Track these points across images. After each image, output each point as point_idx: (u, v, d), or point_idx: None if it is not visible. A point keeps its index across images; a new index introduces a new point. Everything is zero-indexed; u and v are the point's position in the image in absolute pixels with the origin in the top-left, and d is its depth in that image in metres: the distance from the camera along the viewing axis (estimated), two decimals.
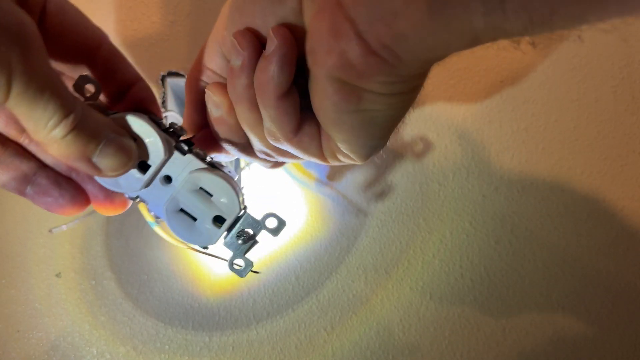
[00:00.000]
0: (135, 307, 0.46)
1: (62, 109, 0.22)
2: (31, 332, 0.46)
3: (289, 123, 0.26)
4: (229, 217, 0.27)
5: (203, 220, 0.27)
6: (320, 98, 0.24)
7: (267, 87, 0.24)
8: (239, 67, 0.25)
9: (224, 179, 0.27)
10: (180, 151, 0.27)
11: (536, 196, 0.49)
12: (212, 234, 0.27)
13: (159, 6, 0.51)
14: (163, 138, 0.26)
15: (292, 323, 0.47)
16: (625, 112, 0.51)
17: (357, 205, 0.48)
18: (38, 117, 0.21)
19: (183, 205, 0.27)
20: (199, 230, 0.27)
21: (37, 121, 0.22)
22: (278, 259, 0.47)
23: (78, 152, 0.23)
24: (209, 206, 0.27)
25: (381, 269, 0.48)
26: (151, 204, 0.28)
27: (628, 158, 0.50)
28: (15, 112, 0.21)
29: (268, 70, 0.24)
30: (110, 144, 0.24)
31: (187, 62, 0.50)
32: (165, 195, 0.27)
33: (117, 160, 0.25)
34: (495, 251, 0.48)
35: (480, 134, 0.50)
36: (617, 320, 0.48)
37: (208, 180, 0.27)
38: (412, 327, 0.47)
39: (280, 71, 0.24)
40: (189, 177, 0.27)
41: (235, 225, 0.27)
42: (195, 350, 0.46)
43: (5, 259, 0.47)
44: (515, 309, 0.48)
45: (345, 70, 0.22)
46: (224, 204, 0.27)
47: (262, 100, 0.25)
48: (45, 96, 0.21)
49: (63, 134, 0.22)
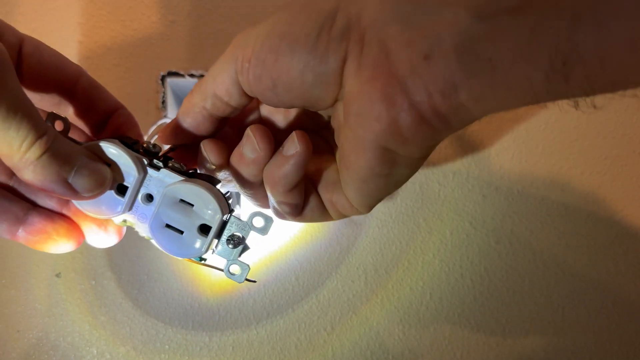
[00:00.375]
0: (135, 307, 0.46)
1: (35, 129, 0.22)
2: (31, 332, 0.46)
3: (295, 208, 0.27)
4: (214, 224, 0.27)
5: (189, 231, 0.27)
6: (356, 159, 0.24)
7: (279, 182, 0.25)
8: (252, 160, 0.26)
9: (200, 186, 0.26)
10: (154, 168, 0.27)
11: (536, 196, 0.49)
12: (199, 244, 0.27)
13: (159, 6, 0.51)
14: (134, 158, 0.26)
15: (292, 323, 0.47)
16: (625, 112, 0.51)
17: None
18: (11, 138, 0.21)
19: (167, 220, 0.27)
20: (186, 242, 0.27)
21: (11, 143, 0.22)
22: (278, 259, 0.47)
23: (53, 173, 0.23)
24: (191, 216, 0.27)
25: (381, 269, 0.48)
26: (138, 225, 0.28)
27: (628, 158, 0.50)
28: None
29: (283, 169, 0.25)
30: (84, 166, 0.24)
31: (187, 62, 0.50)
32: (149, 213, 0.27)
33: (93, 181, 0.25)
34: (495, 251, 0.48)
35: (480, 134, 0.50)
36: (617, 320, 0.48)
37: (184, 191, 0.27)
38: (412, 327, 0.47)
39: (296, 173, 0.25)
40: (166, 191, 0.27)
41: (223, 231, 0.27)
42: (195, 350, 0.46)
43: (5, 259, 0.47)
44: (515, 309, 0.48)
45: (393, 137, 0.22)
46: (205, 211, 0.27)
47: (270, 189, 0.26)
48: (18, 117, 0.21)
49: (37, 155, 0.22)
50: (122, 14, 0.51)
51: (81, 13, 0.51)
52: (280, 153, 0.25)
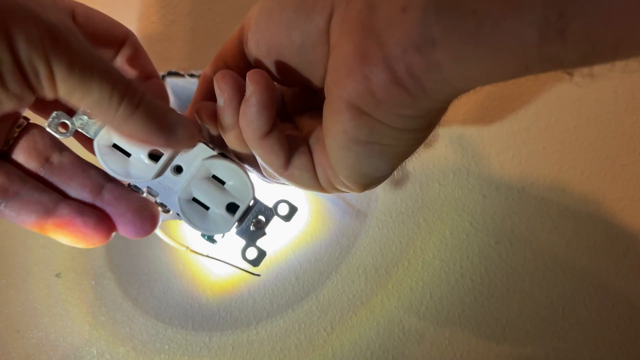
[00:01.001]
0: (135, 307, 0.46)
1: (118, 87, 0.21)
2: (31, 332, 0.46)
3: (277, 159, 0.25)
4: (243, 204, 0.27)
5: (216, 208, 0.27)
6: (332, 121, 0.23)
7: (248, 129, 0.24)
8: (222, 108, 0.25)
9: (237, 165, 0.27)
10: None
11: (536, 196, 0.49)
12: (225, 221, 0.27)
13: (159, 6, 0.51)
14: None
15: (292, 323, 0.47)
16: (626, 112, 0.51)
17: (357, 206, 0.48)
18: (96, 99, 0.21)
19: (195, 194, 0.27)
20: (212, 218, 0.27)
21: (99, 104, 0.21)
22: (278, 259, 0.47)
23: (152, 127, 0.23)
24: (222, 193, 0.27)
25: (381, 269, 0.48)
26: (162, 195, 0.27)
27: (628, 158, 0.50)
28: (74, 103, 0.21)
29: (247, 114, 0.24)
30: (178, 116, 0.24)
31: (187, 62, 0.50)
32: (177, 185, 0.27)
33: (190, 130, 0.24)
34: (495, 251, 0.48)
35: (480, 134, 0.50)
36: (617, 320, 0.48)
37: (221, 167, 0.27)
38: (412, 327, 0.47)
39: (258, 115, 0.24)
40: (202, 164, 0.27)
41: (248, 213, 0.27)
42: (195, 350, 0.46)
43: (5, 259, 0.47)
44: (515, 309, 0.48)
45: (364, 97, 0.20)
46: (237, 190, 0.27)
47: (246, 140, 0.25)
48: (95, 77, 0.20)
49: (130, 112, 0.22)
50: (121, 14, 0.51)
51: None
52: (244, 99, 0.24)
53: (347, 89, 0.21)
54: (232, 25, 0.50)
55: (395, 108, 0.21)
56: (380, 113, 0.21)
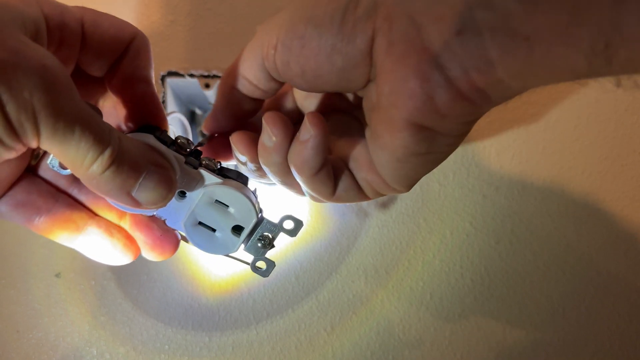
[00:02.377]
0: (135, 307, 0.46)
1: (97, 144, 0.21)
2: (31, 332, 0.46)
3: (325, 190, 0.26)
4: (247, 226, 0.28)
5: (222, 231, 0.28)
6: (391, 139, 0.23)
7: (302, 168, 0.25)
8: (272, 148, 0.26)
9: (238, 190, 0.27)
10: (191, 166, 0.27)
11: (536, 196, 0.49)
12: (231, 242, 0.28)
13: (159, 6, 0.51)
14: (172, 156, 0.26)
15: (292, 323, 0.47)
16: (625, 112, 0.51)
17: (357, 206, 0.48)
18: (72, 155, 0.21)
19: (201, 219, 0.28)
20: (218, 240, 0.28)
21: (73, 159, 0.21)
22: (278, 259, 0.47)
23: (117, 187, 0.23)
24: (226, 217, 0.28)
25: (381, 269, 0.48)
26: (169, 220, 0.28)
27: (628, 158, 0.50)
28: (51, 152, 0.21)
29: (303, 154, 0.24)
30: (150, 177, 0.24)
31: (187, 62, 0.50)
32: (181, 209, 0.28)
33: (158, 193, 0.24)
34: (495, 251, 0.48)
35: (480, 134, 0.50)
36: (617, 320, 0.48)
37: (223, 194, 0.27)
38: (412, 327, 0.47)
39: (315, 156, 0.24)
40: (204, 191, 0.27)
41: (255, 231, 0.28)
42: (195, 350, 0.46)
43: (5, 259, 0.47)
44: (515, 309, 0.48)
45: (429, 115, 0.21)
46: (240, 213, 0.27)
47: (297, 175, 0.26)
48: (77, 134, 0.21)
49: (101, 170, 0.22)
50: (122, 14, 0.51)
51: None
52: (297, 139, 0.25)
53: (409, 109, 0.21)
54: (232, 25, 0.50)
55: (459, 118, 0.22)
56: (444, 125, 0.22)
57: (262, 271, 0.29)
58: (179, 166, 0.27)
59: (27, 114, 0.19)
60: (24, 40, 0.20)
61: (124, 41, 0.28)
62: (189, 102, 0.56)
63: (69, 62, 0.27)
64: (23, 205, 0.26)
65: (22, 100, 0.19)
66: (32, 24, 0.22)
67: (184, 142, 0.27)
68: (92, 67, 0.28)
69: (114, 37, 0.27)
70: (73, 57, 0.27)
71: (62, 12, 0.25)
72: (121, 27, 0.28)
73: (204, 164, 0.28)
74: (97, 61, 0.27)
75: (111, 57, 0.28)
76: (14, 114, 0.19)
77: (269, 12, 0.51)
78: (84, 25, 0.26)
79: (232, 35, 0.49)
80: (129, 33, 0.28)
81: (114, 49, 0.27)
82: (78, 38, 0.26)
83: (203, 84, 0.49)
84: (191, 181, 0.27)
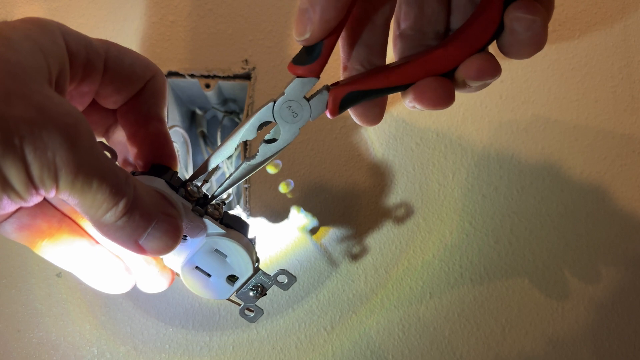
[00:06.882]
0: (136, 307, 0.46)
1: (112, 196, 0.22)
2: (32, 331, 0.46)
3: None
4: (242, 277, 0.29)
5: (217, 278, 0.29)
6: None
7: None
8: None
9: (239, 244, 0.28)
10: (197, 214, 0.28)
11: (536, 196, 0.49)
12: (225, 290, 0.29)
13: (159, 6, 0.51)
14: (180, 204, 0.27)
15: (292, 323, 0.47)
16: (625, 112, 0.51)
17: (357, 206, 0.48)
18: (88, 205, 0.22)
19: (199, 264, 0.29)
20: (213, 286, 0.29)
21: (88, 209, 0.22)
22: (278, 259, 0.47)
23: (126, 236, 0.24)
24: (223, 266, 0.29)
25: (381, 269, 0.48)
26: (167, 260, 0.29)
27: (628, 158, 0.50)
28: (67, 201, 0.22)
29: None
30: (159, 227, 0.25)
31: (187, 62, 0.50)
32: (180, 252, 0.28)
33: (164, 243, 0.25)
34: (495, 251, 0.48)
35: (480, 134, 0.50)
36: (617, 320, 0.48)
37: (225, 245, 0.28)
38: (412, 327, 0.47)
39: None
40: (207, 240, 0.28)
41: (248, 281, 0.29)
42: (195, 349, 0.46)
43: (5, 258, 0.47)
44: (515, 309, 0.48)
45: None
46: (238, 265, 0.29)
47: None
48: (94, 186, 0.21)
49: (114, 220, 0.23)
50: (122, 14, 0.51)
51: (82, 13, 0.51)
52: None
53: None
54: (232, 25, 0.50)
55: None
56: None
57: (250, 317, 0.30)
58: (185, 213, 0.27)
59: (50, 172, 0.20)
60: (49, 94, 0.21)
61: (143, 79, 0.29)
62: (189, 102, 0.57)
63: (88, 96, 0.28)
64: (28, 228, 0.27)
65: (46, 160, 0.20)
66: (57, 66, 0.23)
67: (193, 190, 0.28)
68: (108, 100, 0.28)
69: (135, 74, 0.28)
70: (92, 92, 0.27)
71: (87, 47, 0.25)
72: (142, 64, 0.28)
73: (209, 211, 0.29)
74: (115, 95, 0.28)
75: (129, 92, 0.28)
76: (37, 172, 0.20)
77: (269, 13, 0.51)
78: (106, 61, 0.26)
79: (232, 36, 0.49)
80: (149, 71, 0.29)
81: (133, 85, 0.28)
82: (100, 74, 0.26)
83: (203, 84, 0.50)
84: (195, 228, 0.28)
